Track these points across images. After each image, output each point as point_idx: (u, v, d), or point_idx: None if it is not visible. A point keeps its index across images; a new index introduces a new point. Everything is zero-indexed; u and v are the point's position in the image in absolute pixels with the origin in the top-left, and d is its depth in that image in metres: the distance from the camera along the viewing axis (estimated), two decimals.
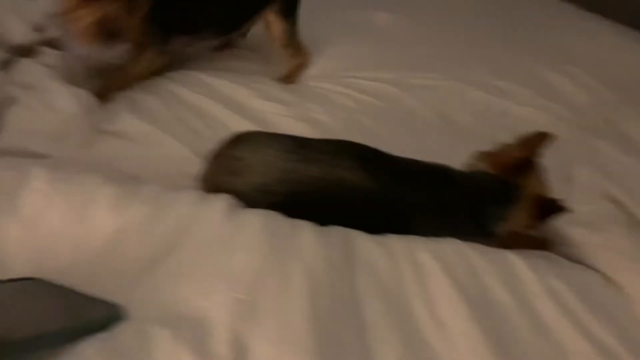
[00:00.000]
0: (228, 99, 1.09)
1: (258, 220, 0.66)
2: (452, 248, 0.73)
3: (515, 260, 0.74)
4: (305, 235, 0.66)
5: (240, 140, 0.80)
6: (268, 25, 1.21)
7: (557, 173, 0.88)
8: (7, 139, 0.84)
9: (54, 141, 0.83)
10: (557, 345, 0.65)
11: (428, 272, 0.68)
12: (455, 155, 0.85)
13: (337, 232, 0.71)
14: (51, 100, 0.92)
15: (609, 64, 1.43)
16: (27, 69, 1.00)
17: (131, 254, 0.61)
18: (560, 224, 0.86)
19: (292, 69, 1.26)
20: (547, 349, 0.64)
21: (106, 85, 1.07)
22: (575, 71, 1.37)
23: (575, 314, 0.68)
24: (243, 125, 1.02)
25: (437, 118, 1.17)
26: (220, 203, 0.67)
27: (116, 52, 1.09)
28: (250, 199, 0.72)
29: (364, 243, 0.70)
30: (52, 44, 1.11)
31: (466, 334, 0.61)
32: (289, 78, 1.26)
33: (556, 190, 0.87)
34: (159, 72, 1.12)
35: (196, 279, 0.57)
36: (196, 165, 0.82)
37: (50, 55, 1.06)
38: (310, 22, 1.42)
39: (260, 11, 1.18)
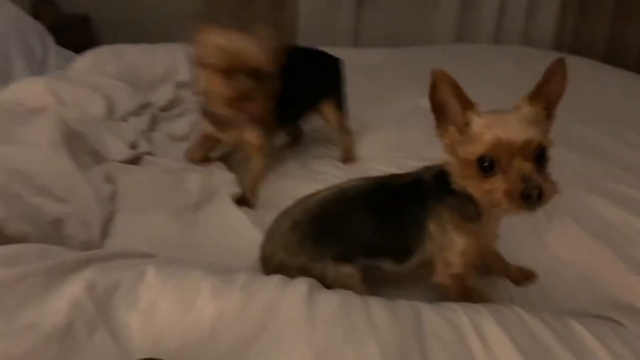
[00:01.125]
0: None
1: (335, 299, 0.76)
2: (514, 316, 0.80)
3: (578, 327, 0.78)
4: (378, 311, 0.75)
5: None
6: (324, 115, 1.46)
7: None
8: (116, 242, 1.01)
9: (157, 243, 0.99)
10: None
11: (493, 340, 0.74)
12: None
13: (406, 307, 0.79)
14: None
15: None
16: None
17: (230, 336, 0.72)
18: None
19: (346, 148, 1.48)
20: None
21: (247, 189, 1.26)
22: None
23: None
24: None
25: None
26: (301, 285, 0.77)
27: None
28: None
29: (430, 316, 0.78)
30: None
31: None
32: (347, 157, 1.47)
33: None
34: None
35: (285, 354, 0.67)
36: None
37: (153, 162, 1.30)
38: (363, 112, 1.59)
39: (319, 103, 1.43)
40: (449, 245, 0.88)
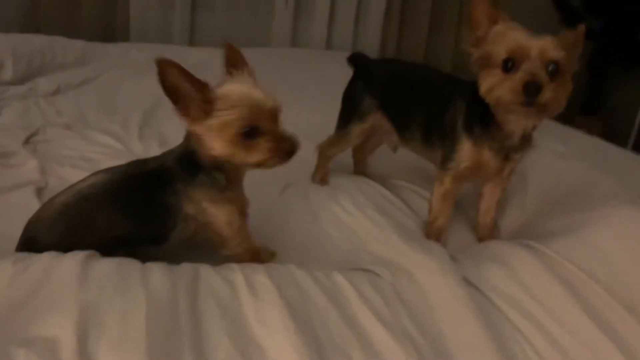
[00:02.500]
0: None
1: (112, 262, 0.81)
2: (285, 270, 0.90)
3: (339, 278, 0.90)
4: (153, 271, 0.81)
5: None
6: None
7: None
8: None
9: None
10: (363, 335, 0.80)
11: (262, 290, 0.83)
12: None
13: (186, 268, 0.86)
14: None
15: None
16: None
17: (2, 300, 0.74)
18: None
19: None
20: (354, 339, 0.79)
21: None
22: None
23: (381, 312, 0.85)
24: None
25: None
26: (79, 253, 0.81)
27: None
28: None
29: (208, 275, 0.85)
30: None
31: (285, 330, 0.77)
32: None
33: None
34: None
35: (54, 309, 0.71)
36: None
37: None
38: None
39: None
40: (213, 221, 0.93)
